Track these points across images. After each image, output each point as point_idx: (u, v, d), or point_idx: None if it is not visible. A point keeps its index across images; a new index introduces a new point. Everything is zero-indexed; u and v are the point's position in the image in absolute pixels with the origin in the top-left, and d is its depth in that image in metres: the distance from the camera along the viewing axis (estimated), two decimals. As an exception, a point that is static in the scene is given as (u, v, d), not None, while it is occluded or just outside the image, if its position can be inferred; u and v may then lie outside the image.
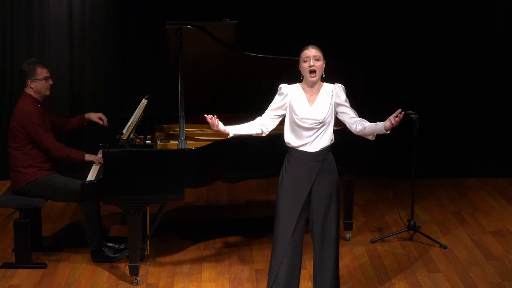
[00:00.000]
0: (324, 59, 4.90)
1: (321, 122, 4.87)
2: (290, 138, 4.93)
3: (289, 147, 4.96)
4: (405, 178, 7.46)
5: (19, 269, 5.90)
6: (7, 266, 5.94)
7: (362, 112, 5.12)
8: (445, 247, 6.30)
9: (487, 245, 6.36)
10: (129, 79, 7.88)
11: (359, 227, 6.73)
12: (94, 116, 6.32)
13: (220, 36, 5.88)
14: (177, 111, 5.69)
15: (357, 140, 5.35)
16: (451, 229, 6.71)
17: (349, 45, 7.74)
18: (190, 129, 6.24)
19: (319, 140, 4.89)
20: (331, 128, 4.93)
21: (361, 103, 6.16)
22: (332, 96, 4.91)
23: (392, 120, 4.80)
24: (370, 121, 4.96)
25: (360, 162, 6.19)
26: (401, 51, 7.83)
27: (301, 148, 4.90)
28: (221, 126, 4.90)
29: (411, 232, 6.47)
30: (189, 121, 6.05)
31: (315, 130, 4.88)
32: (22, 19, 7.69)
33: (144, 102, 6.00)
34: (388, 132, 4.87)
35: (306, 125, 4.87)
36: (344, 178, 6.29)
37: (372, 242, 6.43)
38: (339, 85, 4.97)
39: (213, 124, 4.86)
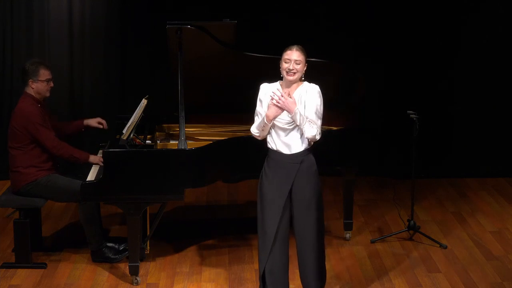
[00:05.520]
0: (306, 62, 4.85)
1: (291, 122, 4.83)
2: (268, 139, 4.92)
3: (268, 149, 4.94)
4: (405, 178, 7.46)
5: (19, 269, 5.89)
6: (7, 266, 5.94)
7: (362, 112, 5.10)
8: (445, 247, 6.30)
9: (487, 245, 6.36)
10: (129, 79, 7.87)
11: (359, 227, 6.73)
12: (93, 122, 6.29)
13: (220, 36, 5.88)
14: (177, 111, 5.69)
15: (348, 140, 5.32)
16: (451, 229, 6.71)
17: (349, 45, 7.74)
18: (190, 129, 6.24)
19: (294, 142, 4.86)
20: None
21: (361, 104, 6.17)
22: (306, 95, 4.85)
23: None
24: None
25: (355, 161, 6.18)
26: (402, 51, 7.83)
27: (279, 150, 4.88)
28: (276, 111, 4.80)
29: (411, 232, 6.47)
30: (189, 121, 6.05)
31: (289, 130, 4.85)
32: (22, 19, 7.68)
33: (144, 102, 6.00)
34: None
35: (280, 125, 4.85)
36: (344, 178, 6.30)
37: (372, 242, 6.43)
38: (316, 86, 4.88)
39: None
